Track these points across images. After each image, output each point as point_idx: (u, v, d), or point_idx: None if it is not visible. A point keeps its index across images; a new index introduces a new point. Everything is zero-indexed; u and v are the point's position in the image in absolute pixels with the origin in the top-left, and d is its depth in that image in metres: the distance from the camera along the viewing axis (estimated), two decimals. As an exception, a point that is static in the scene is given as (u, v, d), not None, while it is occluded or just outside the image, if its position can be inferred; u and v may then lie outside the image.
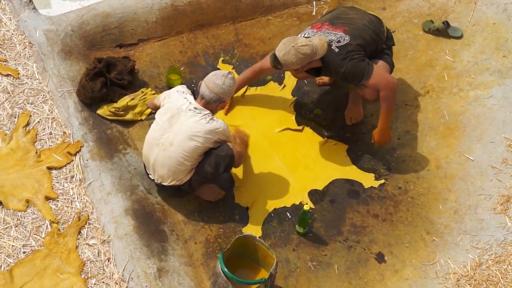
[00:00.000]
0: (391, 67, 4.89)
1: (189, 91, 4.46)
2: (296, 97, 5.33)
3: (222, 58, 5.51)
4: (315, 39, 4.61)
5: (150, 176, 4.55)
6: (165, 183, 4.46)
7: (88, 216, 4.45)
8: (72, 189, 4.56)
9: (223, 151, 4.35)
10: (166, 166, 4.39)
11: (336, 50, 4.60)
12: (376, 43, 4.80)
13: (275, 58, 4.63)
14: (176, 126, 4.34)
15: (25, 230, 4.36)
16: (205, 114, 4.30)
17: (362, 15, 4.86)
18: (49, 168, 4.63)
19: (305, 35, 4.73)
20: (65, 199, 4.52)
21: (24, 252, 4.27)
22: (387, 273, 4.45)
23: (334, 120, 5.22)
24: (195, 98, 4.40)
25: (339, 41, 4.62)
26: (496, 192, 4.75)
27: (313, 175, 4.92)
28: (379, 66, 4.72)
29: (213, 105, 4.36)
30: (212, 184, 4.66)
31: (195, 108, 4.31)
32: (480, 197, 4.75)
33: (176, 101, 4.39)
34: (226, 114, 5.17)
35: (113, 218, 4.41)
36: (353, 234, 4.64)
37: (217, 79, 4.32)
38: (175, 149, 4.32)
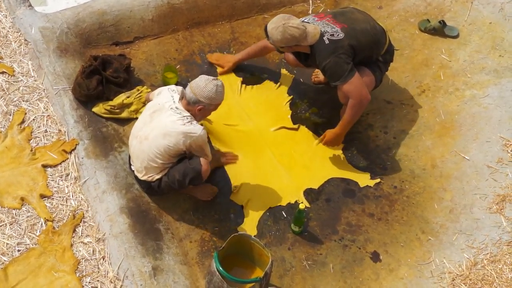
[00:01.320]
0: (377, 81, 4.87)
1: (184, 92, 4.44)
2: (292, 96, 5.33)
3: (218, 56, 5.52)
4: (310, 26, 4.62)
5: (131, 167, 4.57)
6: (139, 176, 4.48)
7: (83, 214, 4.44)
8: (67, 187, 4.56)
9: (192, 163, 4.33)
10: (140, 159, 4.41)
11: (327, 42, 4.59)
12: (371, 50, 4.78)
13: (265, 29, 4.67)
14: (154, 121, 4.34)
15: (20, 228, 4.35)
16: (184, 116, 4.26)
17: (368, 20, 4.83)
18: (44, 166, 4.62)
19: (306, 20, 4.73)
20: (60, 197, 4.51)
21: (18, 250, 4.26)
22: (382, 272, 4.45)
23: (330, 118, 5.21)
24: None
25: (332, 35, 4.60)
26: (491, 191, 4.75)
27: (309, 174, 4.91)
28: (361, 76, 4.67)
29: (192, 106, 4.29)
30: (205, 183, 4.66)
31: (176, 107, 4.30)
32: (475, 196, 4.75)
33: (162, 98, 4.40)
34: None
35: (108, 217, 4.40)
36: (348, 233, 4.64)
37: (200, 82, 4.28)
38: (148, 144, 4.32)
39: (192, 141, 4.24)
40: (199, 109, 4.29)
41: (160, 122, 4.30)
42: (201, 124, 4.34)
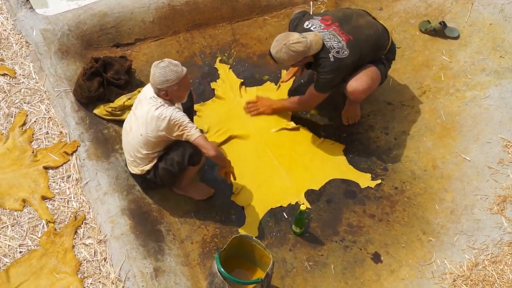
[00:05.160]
0: (383, 76, 4.92)
1: None
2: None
3: (219, 58, 5.51)
4: (310, 34, 4.64)
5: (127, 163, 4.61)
6: (131, 171, 4.53)
7: (85, 215, 4.45)
8: (68, 188, 4.56)
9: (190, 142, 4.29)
10: (127, 151, 4.46)
11: (332, 59, 4.64)
12: (373, 54, 4.85)
13: (270, 55, 4.71)
14: (137, 113, 4.34)
15: (22, 229, 4.35)
16: (157, 102, 4.22)
17: (371, 24, 4.85)
18: (46, 168, 4.62)
19: (312, 27, 4.75)
20: (61, 198, 4.52)
21: (20, 252, 4.26)
22: (384, 273, 4.45)
23: (331, 120, 5.22)
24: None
25: (338, 52, 4.64)
26: (492, 192, 4.75)
27: (310, 175, 4.92)
28: (368, 73, 4.80)
29: (160, 94, 4.21)
30: (200, 182, 4.66)
31: (153, 96, 4.25)
32: (476, 197, 4.75)
33: (144, 90, 4.37)
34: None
35: (110, 218, 4.41)
36: (349, 234, 4.64)
37: (151, 71, 4.20)
38: (132, 135, 4.35)
39: (168, 124, 4.19)
40: (165, 95, 4.22)
41: (141, 113, 4.29)
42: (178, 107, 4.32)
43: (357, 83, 4.76)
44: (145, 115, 4.24)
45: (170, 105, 4.24)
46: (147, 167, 4.43)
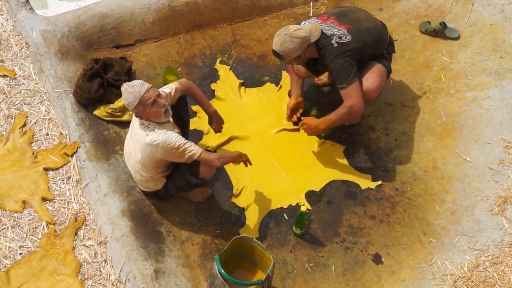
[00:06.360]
0: (388, 71, 4.91)
1: None
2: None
3: (219, 59, 5.51)
4: (306, 25, 4.67)
5: None
6: (141, 188, 4.56)
7: (85, 217, 4.45)
8: (68, 190, 4.56)
9: (192, 168, 4.30)
10: (132, 173, 4.49)
11: (335, 45, 4.61)
12: (376, 48, 4.83)
13: (274, 54, 4.68)
14: (133, 136, 4.31)
15: (22, 231, 4.35)
16: (145, 126, 4.16)
17: (369, 18, 4.88)
18: (46, 169, 4.62)
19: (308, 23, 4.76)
20: (61, 200, 4.51)
21: (20, 254, 4.26)
22: (384, 275, 4.45)
23: (331, 120, 5.22)
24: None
25: (340, 38, 4.63)
26: (493, 193, 4.75)
27: (310, 176, 4.91)
28: (375, 70, 4.77)
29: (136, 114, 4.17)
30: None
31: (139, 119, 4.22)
32: (477, 198, 4.75)
33: None
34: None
35: (110, 219, 4.40)
36: (350, 235, 4.64)
37: None
38: (133, 159, 4.35)
39: (162, 149, 4.13)
40: (139, 117, 4.14)
41: (135, 137, 4.26)
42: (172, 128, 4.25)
43: (369, 82, 4.75)
44: (138, 141, 4.21)
45: (160, 127, 4.15)
46: (157, 187, 4.46)
